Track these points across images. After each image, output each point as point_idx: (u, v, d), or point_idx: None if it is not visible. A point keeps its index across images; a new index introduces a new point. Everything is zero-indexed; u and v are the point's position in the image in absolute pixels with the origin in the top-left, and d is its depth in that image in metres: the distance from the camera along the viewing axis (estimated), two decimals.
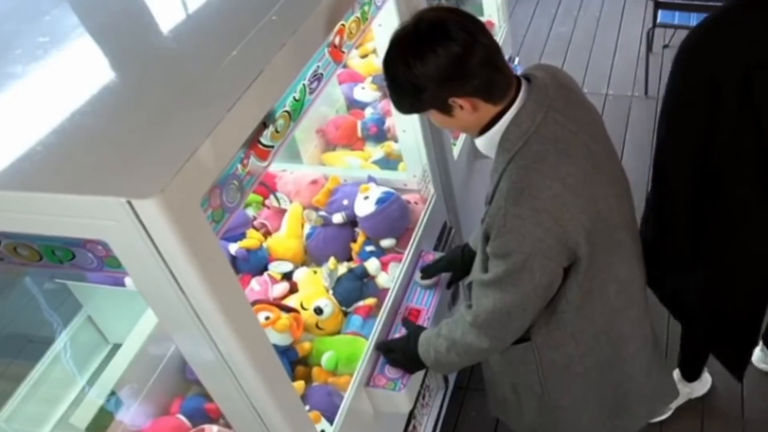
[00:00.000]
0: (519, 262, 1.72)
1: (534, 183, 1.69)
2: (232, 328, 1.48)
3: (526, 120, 1.71)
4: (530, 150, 1.71)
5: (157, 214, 1.24)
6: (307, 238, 2.65)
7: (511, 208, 1.69)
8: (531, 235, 1.69)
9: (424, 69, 1.62)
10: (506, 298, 1.80)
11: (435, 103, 1.72)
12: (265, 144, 1.56)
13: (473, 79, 1.65)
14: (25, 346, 2.54)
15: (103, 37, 1.73)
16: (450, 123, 1.79)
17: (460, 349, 1.97)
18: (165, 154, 1.31)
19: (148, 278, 1.39)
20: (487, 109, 1.73)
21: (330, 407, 2.15)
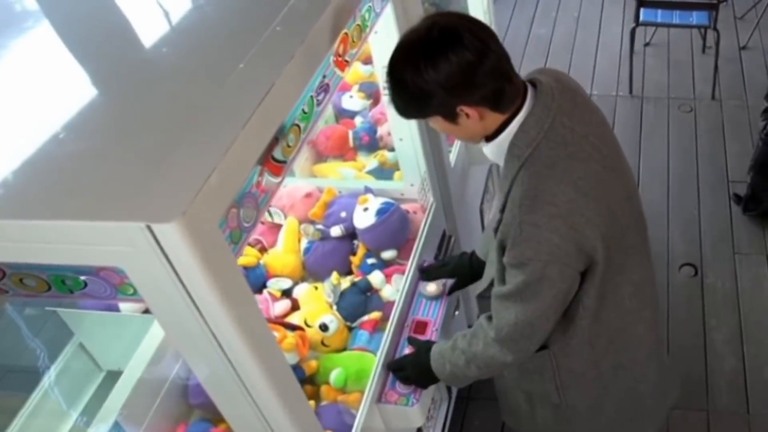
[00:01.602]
0: (537, 271, 1.69)
1: (547, 189, 1.66)
2: (252, 352, 1.42)
3: (534, 126, 1.68)
4: (541, 156, 1.68)
5: (178, 238, 1.18)
6: (305, 253, 2.59)
7: (525, 216, 1.66)
8: (548, 242, 1.66)
9: (435, 75, 1.58)
10: (528, 310, 1.76)
11: (441, 110, 1.68)
12: (277, 159, 1.49)
13: (483, 87, 1.62)
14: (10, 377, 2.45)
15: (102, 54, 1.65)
16: (453, 130, 1.75)
17: (480, 363, 1.92)
18: (182, 176, 1.25)
19: (165, 303, 1.32)
20: (493, 118, 1.69)
21: (342, 426, 2.09)
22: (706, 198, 4.22)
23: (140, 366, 2.10)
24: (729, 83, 5.03)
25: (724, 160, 4.45)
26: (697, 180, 4.34)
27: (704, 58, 5.25)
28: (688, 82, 5.09)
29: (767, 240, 3.94)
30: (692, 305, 3.66)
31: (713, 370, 3.38)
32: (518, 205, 1.67)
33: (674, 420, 3.19)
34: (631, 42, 4.92)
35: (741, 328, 3.54)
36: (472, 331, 1.94)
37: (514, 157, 1.70)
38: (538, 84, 1.73)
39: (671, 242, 3.99)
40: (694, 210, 4.16)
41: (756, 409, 3.21)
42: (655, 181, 4.34)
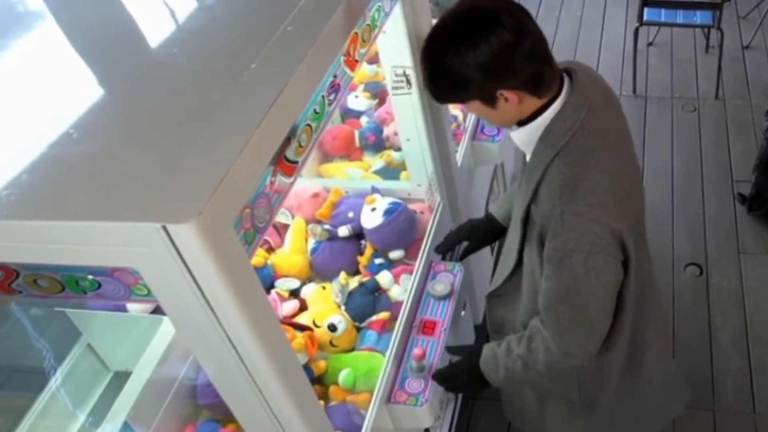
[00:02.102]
0: (581, 264, 1.66)
1: (585, 178, 1.66)
2: (265, 352, 1.42)
3: (571, 115, 1.68)
4: (578, 145, 1.68)
5: (193, 239, 1.18)
6: (312, 253, 2.59)
7: (566, 206, 1.65)
8: (589, 232, 1.65)
9: (475, 58, 1.56)
10: (582, 309, 1.74)
11: (481, 94, 1.66)
12: (290, 159, 1.49)
13: (523, 70, 1.61)
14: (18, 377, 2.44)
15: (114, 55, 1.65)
16: (491, 114, 1.72)
17: (541, 368, 1.86)
18: (197, 176, 1.25)
19: (179, 304, 1.32)
20: (531, 103, 1.68)
21: (351, 426, 2.09)
22: (710, 198, 4.22)
23: (149, 367, 2.09)
24: (732, 83, 5.03)
25: (728, 160, 4.45)
26: (701, 180, 4.33)
27: (707, 57, 5.24)
28: (692, 82, 5.08)
29: None
30: (697, 305, 3.66)
31: (719, 370, 3.38)
32: (558, 195, 1.66)
33: (680, 419, 3.17)
34: (635, 41, 4.91)
35: (746, 327, 3.54)
36: (528, 336, 1.88)
37: (547, 145, 1.69)
38: (573, 74, 1.73)
39: (676, 242, 3.98)
40: (698, 210, 4.15)
41: (762, 409, 3.21)
42: (660, 181, 4.34)
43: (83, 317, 2.35)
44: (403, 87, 2.31)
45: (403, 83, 2.30)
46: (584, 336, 1.78)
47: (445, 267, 2.53)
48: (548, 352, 1.82)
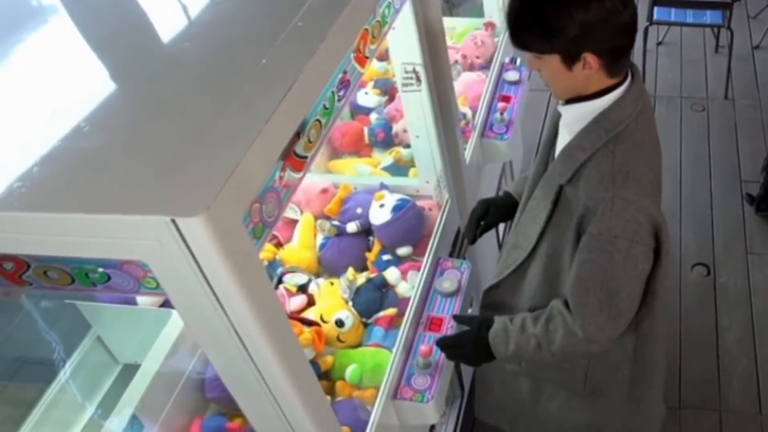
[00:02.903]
0: (622, 251, 1.70)
1: (637, 168, 1.70)
2: (272, 347, 1.42)
3: (630, 105, 1.72)
4: (632, 135, 1.72)
5: (203, 232, 1.18)
6: (321, 249, 2.59)
7: (619, 191, 1.68)
8: (634, 220, 1.69)
9: (584, 15, 1.59)
10: (613, 295, 1.76)
11: (567, 50, 1.66)
12: (299, 154, 1.50)
13: (615, 39, 1.65)
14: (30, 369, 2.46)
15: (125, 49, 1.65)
16: (561, 76, 1.72)
17: (556, 350, 1.87)
18: (206, 170, 1.25)
19: (188, 298, 1.32)
20: (600, 78, 1.71)
21: (357, 422, 2.10)
22: (718, 198, 4.22)
23: (158, 359, 2.10)
24: (742, 82, 5.02)
25: (736, 160, 4.44)
26: (709, 180, 4.33)
27: (717, 57, 5.24)
28: (701, 82, 5.07)
29: None
30: (704, 305, 3.66)
31: (725, 370, 3.39)
32: (610, 179, 1.69)
33: (686, 419, 3.20)
34: (644, 41, 4.90)
35: (753, 327, 3.54)
36: (547, 316, 1.88)
37: (601, 128, 1.72)
38: (635, 69, 1.79)
39: (684, 242, 3.98)
40: (706, 209, 4.15)
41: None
42: (668, 181, 4.28)
43: (93, 310, 2.35)
44: (413, 84, 2.31)
45: (413, 80, 2.30)
46: (610, 321, 1.81)
47: (453, 264, 2.54)
48: (568, 334, 1.83)
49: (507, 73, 3.29)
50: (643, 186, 1.69)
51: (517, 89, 3.25)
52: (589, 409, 2.23)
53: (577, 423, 2.29)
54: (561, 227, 1.81)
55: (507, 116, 3.10)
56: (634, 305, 1.81)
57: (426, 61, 2.30)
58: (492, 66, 3.30)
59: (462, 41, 3.50)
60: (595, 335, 1.81)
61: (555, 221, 1.84)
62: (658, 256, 1.79)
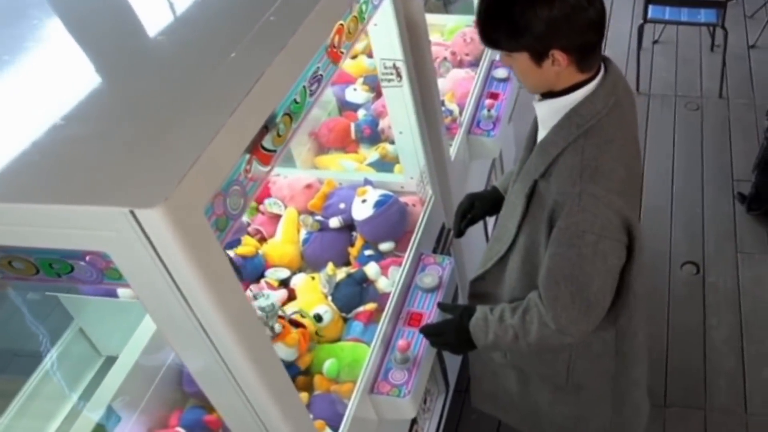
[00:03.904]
0: (590, 245, 1.71)
1: (606, 163, 1.71)
2: (238, 340, 1.43)
3: (601, 100, 1.73)
4: (602, 130, 1.73)
5: (161, 223, 1.19)
6: (304, 244, 2.60)
7: (586, 186, 1.69)
8: (603, 216, 1.70)
9: (548, 12, 1.60)
10: (583, 289, 1.77)
11: (534, 48, 1.68)
12: (267, 148, 1.50)
13: (582, 35, 1.65)
14: (12, 361, 2.47)
15: (97, 41, 1.66)
16: (531, 72, 1.75)
17: (532, 341, 1.90)
18: (167, 162, 1.26)
19: (150, 290, 1.33)
20: (571, 73, 1.72)
21: (334, 416, 2.11)
22: (710, 196, 4.21)
23: (135, 352, 2.12)
24: (737, 81, 5.01)
25: (729, 159, 4.44)
26: (701, 178, 4.33)
27: (713, 56, 5.23)
28: (696, 80, 5.07)
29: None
30: (693, 304, 3.66)
31: (712, 369, 3.38)
32: (579, 174, 1.70)
33: (671, 417, 3.20)
34: (639, 39, 4.90)
35: (741, 327, 3.54)
36: (524, 307, 1.90)
37: (572, 124, 1.74)
38: (609, 63, 1.80)
39: (674, 240, 3.98)
40: (697, 208, 4.15)
41: (754, 409, 3.21)
42: (660, 179, 4.33)
43: (75, 302, 2.36)
44: (393, 80, 2.32)
45: (393, 75, 2.31)
46: (582, 315, 1.81)
47: (435, 260, 2.54)
48: (543, 326, 1.85)
49: (496, 70, 3.30)
50: (612, 182, 1.70)
51: (506, 86, 3.25)
52: (575, 402, 2.24)
53: (566, 415, 2.31)
54: (536, 221, 1.82)
55: (495, 113, 3.11)
56: (606, 299, 1.82)
57: (408, 57, 2.31)
58: (481, 63, 3.30)
59: (452, 38, 3.51)
60: (568, 328, 1.82)
61: (531, 215, 1.86)
62: (631, 252, 1.80)
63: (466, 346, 2.07)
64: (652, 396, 3.17)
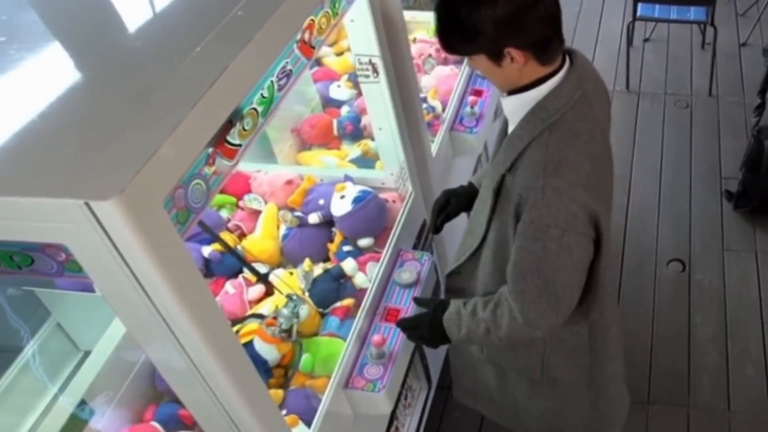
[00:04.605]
0: (555, 239, 1.70)
1: (570, 157, 1.71)
2: (201, 333, 1.43)
3: (566, 93, 1.72)
4: (566, 124, 1.72)
5: (117, 215, 1.19)
6: (283, 239, 2.61)
7: (549, 180, 1.68)
8: (567, 210, 1.69)
9: (492, 12, 1.60)
10: (550, 283, 1.77)
11: (488, 48, 1.69)
12: (232, 143, 1.51)
13: (534, 31, 1.64)
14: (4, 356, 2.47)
15: (62, 33, 1.67)
16: (494, 73, 1.76)
17: (503, 334, 1.90)
18: (124, 155, 1.26)
19: (110, 282, 1.34)
20: (534, 69, 1.71)
21: (308, 410, 2.11)
22: (698, 194, 4.21)
23: (109, 346, 2.12)
24: (727, 80, 5.01)
25: (718, 157, 4.44)
26: (689, 176, 4.33)
27: (703, 54, 5.22)
28: (686, 78, 5.06)
29: (757, 237, 3.93)
30: (678, 301, 3.66)
31: (696, 366, 3.38)
32: (543, 168, 1.69)
33: (654, 414, 3.20)
34: (628, 37, 4.90)
35: (726, 324, 3.54)
36: (495, 301, 1.90)
37: (537, 118, 1.73)
38: (574, 56, 1.78)
39: (660, 237, 3.98)
40: (685, 205, 4.15)
41: (737, 407, 3.22)
42: (648, 177, 4.34)
43: (52, 297, 2.37)
44: (369, 75, 2.32)
45: (369, 71, 2.31)
46: (550, 309, 1.81)
47: (414, 256, 2.55)
48: (513, 320, 1.86)
49: None
50: (577, 175, 1.69)
51: (490, 84, 3.24)
52: (552, 396, 2.25)
53: (543, 409, 2.31)
54: (504, 216, 1.83)
55: (478, 110, 3.11)
56: (574, 293, 1.82)
57: (385, 53, 2.31)
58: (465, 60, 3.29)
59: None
60: (536, 322, 1.82)
61: (499, 210, 1.86)
62: (599, 247, 1.80)
63: (440, 339, 2.07)
64: (635, 393, 3.20)
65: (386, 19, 2.28)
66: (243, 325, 2.26)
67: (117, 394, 2.12)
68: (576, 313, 1.91)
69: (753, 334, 3.50)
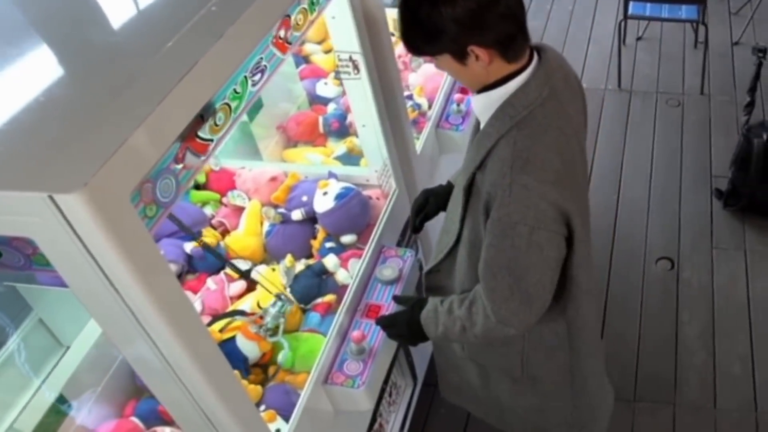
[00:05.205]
0: (524, 236, 1.70)
1: (539, 153, 1.70)
2: (171, 327, 1.44)
3: (534, 90, 1.72)
4: (535, 121, 1.71)
5: (82, 209, 1.20)
6: (267, 236, 2.61)
7: (517, 177, 1.68)
8: (536, 207, 1.68)
9: (451, 11, 1.60)
10: (521, 280, 1.76)
11: (452, 48, 1.68)
12: (203, 138, 1.51)
13: (496, 29, 1.64)
14: None
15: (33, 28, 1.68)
16: (460, 72, 1.75)
17: (479, 333, 1.89)
18: (90, 148, 1.27)
19: (79, 277, 1.35)
20: (500, 66, 1.71)
21: (288, 406, 2.11)
22: (687, 192, 4.21)
23: (88, 342, 2.13)
24: (720, 78, 5.01)
25: (708, 155, 4.44)
26: (680, 174, 4.33)
27: (696, 53, 5.22)
28: (678, 77, 5.06)
29: (746, 235, 3.93)
30: (666, 299, 3.66)
31: (683, 365, 3.38)
32: (510, 165, 1.68)
33: (640, 412, 3.20)
34: (620, 35, 4.90)
35: (714, 323, 3.54)
36: (471, 299, 1.90)
37: (506, 115, 1.73)
38: (543, 53, 1.77)
39: (650, 235, 3.98)
40: (675, 204, 4.15)
41: (723, 404, 3.21)
42: (638, 175, 4.34)
43: (33, 292, 2.36)
44: (350, 72, 2.32)
45: (349, 68, 2.31)
46: (522, 306, 1.81)
47: (396, 252, 2.55)
48: (486, 318, 1.85)
49: None
50: (545, 172, 1.68)
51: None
52: (534, 395, 2.25)
53: (526, 407, 2.32)
54: (476, 214, 1.82)
55: (464, 108, 3.11)
56: (546, 291, 1.81)
57: (366, 50, 2.31)
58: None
59: None
60: (509, 319, 1.82)
61: (471, 208, 1.86)
62: (572, 244, 1.80)
63: (418, 337, 2.07)
64: (622, 391, 3.21)
65: (367, 16, 2.28)
66: (230, 321, 2.27)
67: (97, 389, 2.13)
68: (552, 311, 1.91)
69: (741, 332, 3.50)
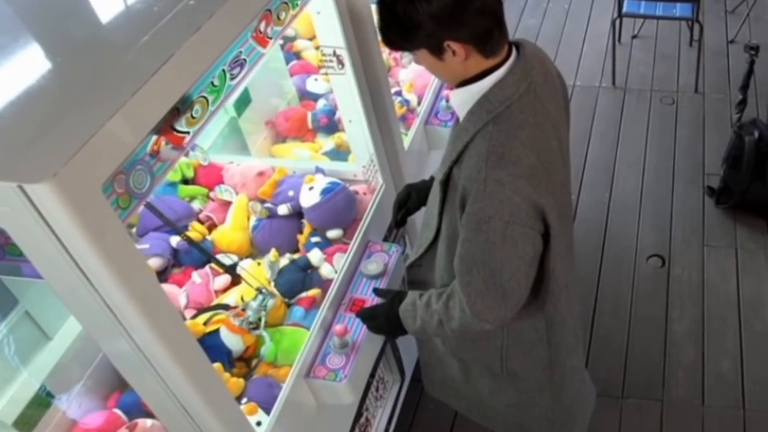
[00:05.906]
0: (498, 231, 1.70)
1: (514, 149, 1.70)
2: (145, 319, 1.45)
3: (512, 85, 1.72)
4: (511, 116, 1.72)
5: (51, 199, 1.21)
6: (253, 230, 2.62)
7: (492, 171, 1.68)
8: (509, 201, 1.68)
9: (427, 6, 1.60)
10: (495, 275, 1.76)
11: (429, 43, 1.69)
12: (179, 130, 1.52)
13: (473, 24, 1.64)
14: None
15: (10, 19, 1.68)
16: (437, 67, 1.76)
17: (455, 327, 1.91)
18: (62, 139, 1.28)
19: (50, 266, 1.36)
20: (477, 62, 1.71)
21: (270, 399, 2.12)
22: (680, 190, 4.22)
23: (72, 333, 2.14)
24: (714, 77, 5.01)
25: (701, 153, 4.45)
26: (672, 172, 4.33)
27: (691, 51, 5.22)
28: (673, 75, 5.07)
29: (737, 233, 3.94)
30: (657, 296, 3.67)
31: (672, 361, 3.39)
32: (485, 160, 1.69)
33: (627, 409, 3.21)
34: (614, 33, 4.91)
35: (703, 320, 3.55)
36: (448, 294, 1.91)
37: (483, 110, 1.73)
38: (521, 49, 1.78)
39: (641, 233, 3.99)
40: (667, 201, 4.15)
41: (711, 401, 3.22)
42: (631, 173, 4.34)
43: (20, 285, 2.37)
44: (334, 67, 2.33)
45: (333, 63, 2.32)
46: (497, 301, 1.81)
47: (382, 247, 2.56)
48: (463, 313, 1.86)
49: None
50: (520, 167, 1.68)
51: None
52: (514, 390, 2.26)
53: (507, 403, 2.32)
54: (453, 208, 1.83)
55: None
56: (522, 286, 1.81)
57: (351, 45, 2.32)
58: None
59: None
60: (484, 314, 1.82)
61: (449, 202, 1.86)
62: (548, 240, 1.81)
63: (397, 330, 2.09)
64: (610, 387, 3.22)
65: (352, 12, 2.29)
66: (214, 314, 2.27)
67: (80, 381, 2.14)
68: (531, 306, 1.92)
69: (730, 329, 3.50)
